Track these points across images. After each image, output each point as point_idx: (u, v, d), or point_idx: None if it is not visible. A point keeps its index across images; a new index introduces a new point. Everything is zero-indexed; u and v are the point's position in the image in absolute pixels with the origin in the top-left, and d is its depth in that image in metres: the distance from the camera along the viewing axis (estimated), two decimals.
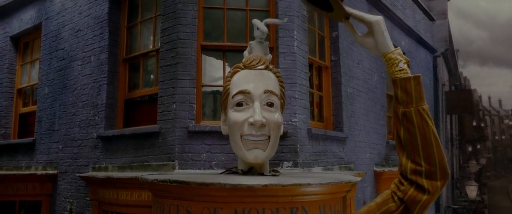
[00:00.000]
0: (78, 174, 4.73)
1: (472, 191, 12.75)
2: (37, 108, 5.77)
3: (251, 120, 1.73)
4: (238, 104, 1.78)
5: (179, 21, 4.17)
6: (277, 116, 1.78)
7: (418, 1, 8.69)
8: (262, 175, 2.00)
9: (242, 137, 1.78)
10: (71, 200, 4.99)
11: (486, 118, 54.76)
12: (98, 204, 4.49)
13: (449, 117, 12.96)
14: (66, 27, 5.53)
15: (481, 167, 29.54)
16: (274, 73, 1.96)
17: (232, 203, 1.91)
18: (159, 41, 4.37)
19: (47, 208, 5.22)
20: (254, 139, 1.77)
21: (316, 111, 5.18)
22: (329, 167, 4.81)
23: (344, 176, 2.90)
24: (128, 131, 4.48)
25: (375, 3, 6.64)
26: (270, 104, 1.77)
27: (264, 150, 1.79)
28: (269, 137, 1.78)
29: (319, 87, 5.29)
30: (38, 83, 5.86)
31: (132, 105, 4.89)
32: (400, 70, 1.13)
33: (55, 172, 5.18)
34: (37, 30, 6.10)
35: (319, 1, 1.26)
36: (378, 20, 1.20)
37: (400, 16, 7.49)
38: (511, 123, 61.94)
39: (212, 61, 4.53)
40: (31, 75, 6.40)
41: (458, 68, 15.60)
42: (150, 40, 4.81)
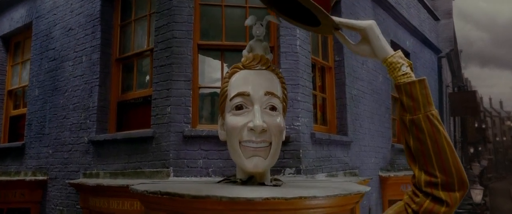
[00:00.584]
0: (68, 180, 4.48)
1: (477, 194, 12.48)
2: (27, 110, 5.52)
3: (251, 125, 1.55)
4: (237, 107, 1.58)
5: (174, 18, 3.92)
6: (279, 120, 1.62)
7: (423, 0, 8.45)
8: (263, 184, 1.83)
9: (241, 144, 1.63)
10: (61, 208, 4.73)
11: (487, 119, 54.54)
12: (89, 213, 4.24)
13: (452, 119, 12.72)
14: (57, 26, 5.28)
15: (482, 169, 29.29)
16: (276, 74, 1.79)
17: None
18: (153, 41, 4.12)
19: None
20: (254, 145, 1.62)
21: (319, 113, 4.93)
22: (333, 173, 4.56)
23: (352, 186, 2.66)
24: (120, 135, 4.23)
25: (380, 2, 6.40)
26: (272, 107, 1.57)
27: (265, 157, 1.63)
28: (270, 144, 1.63)
29: (322, 89, 5.04)
30: (28, 85, 5.61)
31: (125, 108, 4.64)
32: (403, 75, 1.06)
33: (45, 178, 4.92)
34: (28, 30, 5.86)
35: (305, 18, 1.18)
36: (370, 24, 1.14)
37: (404, 15, 7.25)
38: None
39: (209, 61, 4.29)
40: (22, 77, 6.15)
41: (461, 69, 15.37)
42: (145, 39, 4.56)
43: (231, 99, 1.60)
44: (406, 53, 7.55)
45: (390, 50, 1.12)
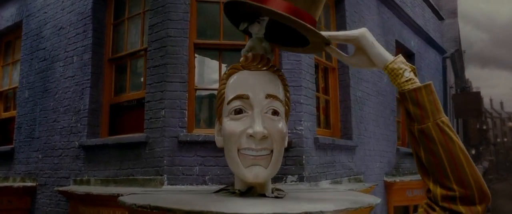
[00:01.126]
0: (58, 187, 4.24)
1: None
2: (16, 113, 5.29)
3: (250, 131, 1.35)
4: (235, 112, 1.39)
5: (169, 16, 3.69)
6: (281, 126, 1.40)
7: None
8: (264, 196, 1.61)
9: (239, 151, 1.39)
10: None
11: (488, 120, 54.32)
12: None
13: (455, 121, 12.49)
14: (48, 25, 5.05)
15: (484, 170, 29.12)
16: (278, 75, 1.56)
17: None
18: (147, 40, 3.89)
19: None
20: (254, 153, 1.38)
21: (322, 116, 4.70)
22: (337, 179, 4.32)
23: (362, 198, 2.44)
24: (111, 140, 3.99)
25: (385, 0, 6.17)
26: (273, 111, 1.39)
27: (265, 167, 1.40)
28: (271, 151, 1.39)
29: (326, 91, 4.81)
30: (18, 86, 5.37)
31: (118, 111, 4.40)
32: (406, 81, 0.99)
33: (34, 184, 4.69)
34: (18, 29, 5.63)
35: (291, 40, 1.12)
36: (362, 32, 1.07)
37: (409, 14, 7.02)
38: None
39: (206, 61, 4.06)
40: (13, 78, 5.92)
41: (464, 70, 15.14)
42: (138, 38, 4.32)
43: (229, 103, 1.41)
44: (410, 54, 7.32)
45: (389, 56, 1.04)
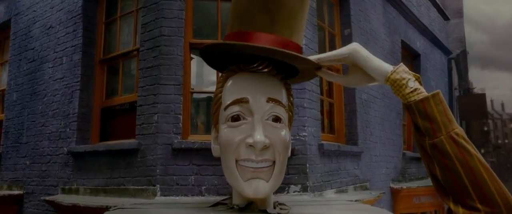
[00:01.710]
0: (45, 197, 3.98)
1: None
2: (4, 116, 5.03)
3: (250, 140, 1.17)
4: (233, 118, 1.22)
5: (163, 14, 3.43)
6: (284, 134, 1.21)
7: None
8: (265, 212, 1.41)
9: (238, 163, 1.21)
10: None
11: (489, 121, 54.07)
12: None
13: (459, 123, 12.17)
14: (37, 24, 4.79)
15: None
16: (280, 78, 1.36)
17: None
18: (139, 39, 3.64)
19: None
20: (254, 165, 1.20)
21: (326, 120, 4.45)
22: (342, 188, 4.06)
23: (373, 212, 2.19)
24: (101, 146, 3.73)
25: None
26: (275, 118, 1.21)
27: (267, 180, 1.22)
28: (274, 163, 1.21)
29: (330, 94, 4.56)
30: (6, 89, 5.12)
31: (110, 115, 4.15)
32: (412, 92, 0.91)
33: (21, 192, 4.43)
34: (7, 28, 5.37)
35: (282, 72, 1.09)
36: (353, 48, 1.00)
37: (415, 13, 6.77)
38: None
39: (203, 62, 3.79)
40: (1, 80, 5.66)
41: (468, 71, 14.89)
42: (131, 38, 4.07)
43: (226, 108, 1.24)
44: (416, 54, 7.07)
45: (388, 66, 0.96)
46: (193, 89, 3.55)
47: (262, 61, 1.11)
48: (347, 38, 4.70)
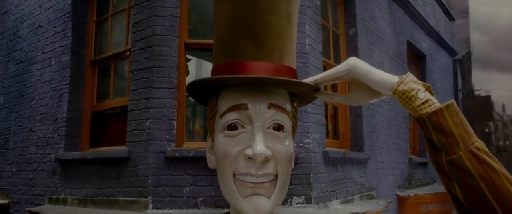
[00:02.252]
0: (31, 207, 3.74)
1: None
2: None
3: (249, 152, 1.01)
4: (230, 127, 1.05)
5: (155, 11, 3.19)
6: (287, 144, 1.05)
7: None
8: None
9: (235, 177, 1.05)
10: None
11: (490, 123, 53.82)
12: None
13: None
14: (25, 23, 4.55)
15: None
16: None
17: None
18: (131, 39, 3.40)
19: None
20: (254, 180, 1.04)
21: (330, 125, 4.20)
22: (348, 198, 3.81)
23: None
24: (91, 154, 3.49)
25: None
26: (278, 127, 1.05)
27: (268, 196, 1.06)
28: (276, 176, 1.05)
29: None
30: None
31: (101, 120, 3.90)
32: (423, 104, 0.80)
33: (7, 201, 4.18)
34: None
35: None
36: (351, 63, 0.87)
37: (421, 13, 6.53)
38: None
39: (199, 64, 3.56)
40: None
41: (471, 72, 14.65)
42: (123, 37, 3.83)
43: (223, 116, 1.06)
44: (422, 55, 6.84)
45: (394, 78, 0.86)
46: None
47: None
48: (352, 39, 4.46)
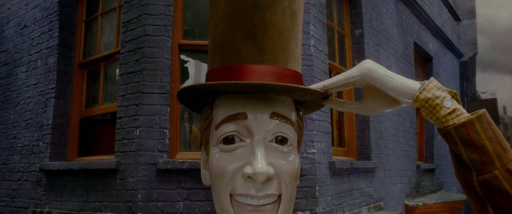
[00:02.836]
0: None
1: None
2: None
3: (249, 171, 0.86)
4: (226, 140, 0.90)
5: (147, 10, 2.93)
6: (292, 160, 0.90)
7: None
8: None
9: (233, 198, 0.91)
10: None
11: None
12: None
13: None
14: (11, 23, 4.30)
15: None
16: None
17: None
18: (120, 40, 3.13)
19: None
20: (254, 202, 0.90)
21: (335, 132, 3.93)
22: (355, 211, 3.55)
23: None
24: (77, 164, 3.22)
25: None
26: (281, 139, 0.90)
27: None
28: (279, 197, 0.92)
29: None
30: None
31: (90, 127, 3.64)
32: (449, 113, 0.70)
33: None
34: None
35: None
36: (366, 67, 0.77)
37: (428, 13, 6.27)
38: None
39: (194, 67, 3.30)
40: None
41: (476, 74, 14.41)
42: (114, 38, 3.57)
43: (218, 127, 0.91)
44: (429, 57, 6.58)
45: (414, 83, 0.73)
46: None
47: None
48: (358, 39, 4.20)
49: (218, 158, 0.89)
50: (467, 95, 13.28)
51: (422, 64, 6.62)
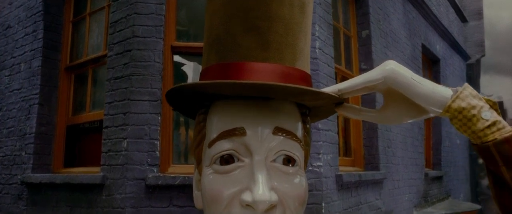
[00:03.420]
0: None
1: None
2: None
3: (248, 198, 0.66)
4: (222, 160, 0.71)
5: (136, 9, 2.66)
6: (299, 182, 0.72)
7: None
8: None
9: None
10: None
11: None
12: None
13: None
14: None
15: None
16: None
17: None
18: (108, 42, 2.87)
19: None
20: None
21: (341, 141, 3.67)
22: None
23: None
24: (60, 178, 2.95)
25: None
26: (286, 159, 0.71)
27: None
28: None
29: None
30: None
31: (77, 136, 3.38)
32: (488, 127, 0.60)
33: None
34: None
35: None
36: (389, 68, 0.65)
37: (435, 13, 6.02)
38: None
39: (190, 71, 3.04)
40: None
41: (480, 76, 14.19)
42: (102, 40, 3.31)
43: (212, 145, 0.74)
44: (436, 60, 6.32)
45: (446, 90, 0.63)
46: None
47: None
48: (365, 41, 3.94)
49: (212, 180, 0.75)
50: None
51: (429, 67, 6.36)
